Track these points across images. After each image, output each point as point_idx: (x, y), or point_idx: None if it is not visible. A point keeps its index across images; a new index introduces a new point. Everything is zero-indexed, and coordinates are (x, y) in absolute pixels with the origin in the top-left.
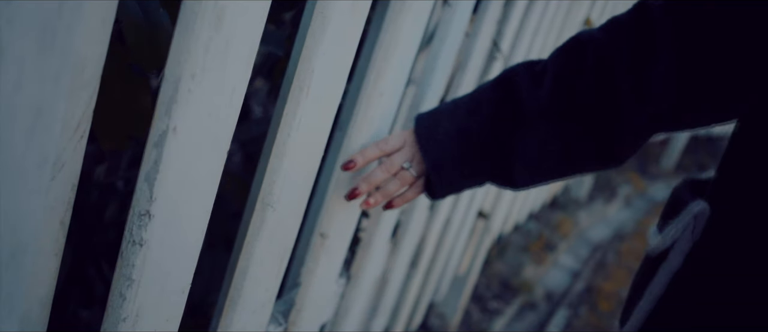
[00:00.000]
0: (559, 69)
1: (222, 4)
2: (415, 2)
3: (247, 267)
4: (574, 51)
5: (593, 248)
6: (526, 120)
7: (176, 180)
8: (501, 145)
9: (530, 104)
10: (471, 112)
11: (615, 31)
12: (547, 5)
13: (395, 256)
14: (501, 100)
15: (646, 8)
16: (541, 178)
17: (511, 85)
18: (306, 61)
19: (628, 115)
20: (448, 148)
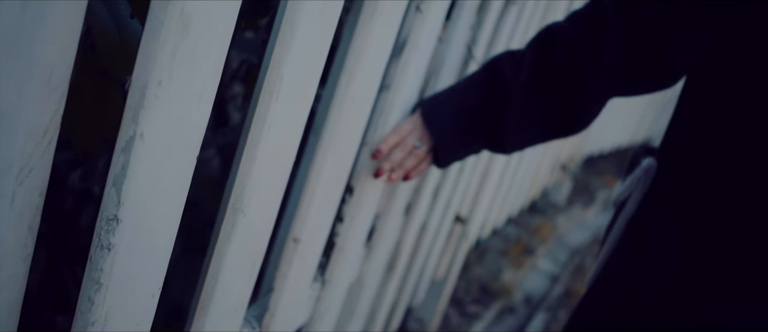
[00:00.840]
0: (534, 53)
1: (189, 12)
2: (386, 8)
3: (219, 271)
4: (545, 38)
5: (572, 252)
6: (510, 97)
7: (144, 186)
8: (491, 119)
9: (513, 84)
10: (465, 95)
11: (576, 20)
12: (522, 11)
13: (370, 261)
14: (489, 83)
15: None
16: (525, 143)
17: (496, 70)
18: (275, 67)
19: (588, 84)
20: (449, 126)
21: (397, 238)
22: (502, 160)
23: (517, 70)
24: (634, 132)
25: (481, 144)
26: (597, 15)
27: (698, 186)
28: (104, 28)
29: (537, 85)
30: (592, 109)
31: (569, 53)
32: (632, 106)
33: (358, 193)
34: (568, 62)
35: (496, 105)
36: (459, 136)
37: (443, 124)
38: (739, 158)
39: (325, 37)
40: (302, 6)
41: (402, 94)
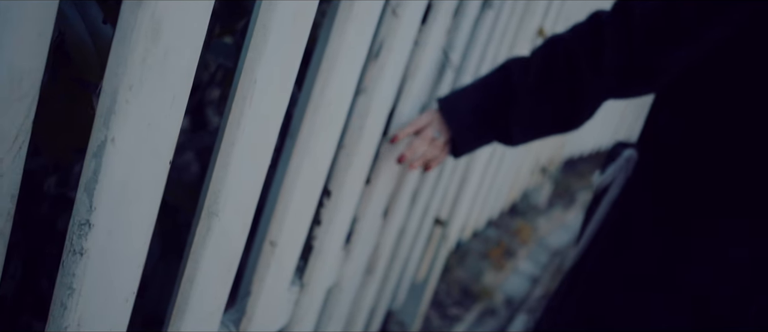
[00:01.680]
0: (540, 60)
1: (159, 16)
2: (361, 12)
3: (194, 275)
4: (549, 47)
5: (552, 254)
6: (518, 97)
7: (116, 190)
8: (501, 115)
9: (521, 86)
10: (480, 93)
11: (577, 32)
12: (499, 16)
13: (349, 264)
14: (500, 84)
15: (598, 16)
16: (529, 137)
17: (507, 73)
18: (249, 71)
19: (586, 88)
20: (465, 119)
21: (375, 241)
22: (481, 163)
23: (524, 74)
24: (614, 134)
25: (492, 136)
26: (595, 28)
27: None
28: (77, 34)
29: (541, 88)
30: (589, 110)
31: (570, 61)
32: (611, 108)
33: (335, 197)
34: (569, 69)
35: (505, 103)
36: (473, 129)
37: (460, 117)
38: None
39: (298, 42)
40: (275, 11)
41: (378, 98)
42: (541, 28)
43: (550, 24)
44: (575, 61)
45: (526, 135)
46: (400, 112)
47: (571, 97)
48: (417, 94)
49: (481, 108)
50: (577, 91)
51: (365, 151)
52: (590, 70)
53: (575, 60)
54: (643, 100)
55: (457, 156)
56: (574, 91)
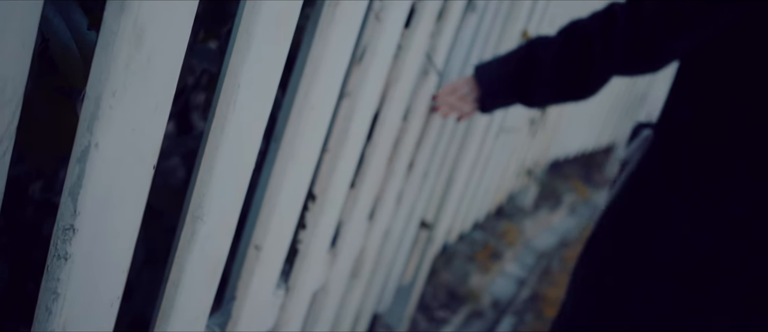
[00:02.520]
0: (561, 39)
1: (142, 23)
2: (344, 17)
3: (179, 279)
4: (570, 29)
5: (539, 256)
6: (541, 68)
7: (100, 195)
8: (524, 82)
9: (543, 61)
10: (508, 63)
11: (594, 17)
12: (482, 20)
13: (335, 267)
14: (526, 57)
15: (612, 6)
16: (546, 102)
17: (532, 48)
18: (232, 76)
19: (597, 63)
20: (494, 82)
21: (361, 244)
22: (466, 166)
23: (547, 50)
24: (599, 136)
25: (515, 98)
26: (609, 15)
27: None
28: (61, 40)
29: (559, 63)
30: (596, 84)
31: (585, 41)
32: (596, 111)
33: (320, 200)
34: (583, 47)
35: (529, 72)
36: (500, 90)
37: (489, 80)
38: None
39: (281, 46)
40: (258, 16)
41: (362, 102)
42: (525, 31)
43: (534, 26)
44: (589, 43)
45: (543, 99)
46: (384, 115)
47: (582, 72)
48: (401, 97)
49: (508, 73)
50: (588, 68)
51: (350, 155)
52: (601, 51)
53: (590, 42)
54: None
55: (485, 111)
56: (585, 68)
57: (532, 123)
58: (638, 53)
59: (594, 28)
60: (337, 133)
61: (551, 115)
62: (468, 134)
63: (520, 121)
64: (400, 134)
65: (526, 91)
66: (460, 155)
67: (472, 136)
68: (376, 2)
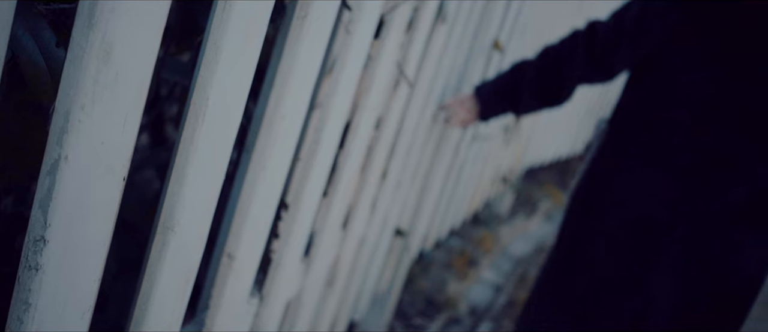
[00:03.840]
0: (537, 59)
1: (110, 40)
2: (313, 29)
3: (151, 289)
4: (544, 52)
5: (515, 262)
6: (524, 84)
7: (70, 207)
8: (512, 95)
9: (525, 78)
10: (501, 81)
11: (562, 41)
12: (452, 30)
13: (309, 276)
14: (512, 77)
15: (575, 32)
16: (530, 110)
17: (516, 70)
18: (201, 89)
19: (566, 76)
20: (491, 98)
21: (335, 253)
22: (441, 174)
23: (528, 70)
24: (573, 143)
25: (507, 109)
26: (573, 38)
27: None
28: (30, 57)
29: (537, 79)
30: (566, 93)
31: (556, 59)
32: (569, 119)
33: (292, 209)
34: (555, 65)
35: (515, 89)
36: (495, 103)
37: (487, 96)
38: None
39: (250, 59)
40: (226, 30)
41: (333, 112)
42: (496, 40)
43: (506, 36)
44: (559, 60)
45: (528, 108)
46: (356, 125)
47: (556, 84)
48: (372, 107)
49: (500, 90)
50: (559, 80)
51: (322, 164)
52: (568, 66)
53: (559, 60)
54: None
55: (482, 119)
56: (557, 80)
57: (505, 131)
58: (596, 65)
59: (562, 49)
60: (308, 143)
61: (525, 122)
62: (442, 142)
63: (493, 129)
64: (372, 143)
65: (515, 102)
66: (434, 163)
67: (446, 144)
68: (346, 14)
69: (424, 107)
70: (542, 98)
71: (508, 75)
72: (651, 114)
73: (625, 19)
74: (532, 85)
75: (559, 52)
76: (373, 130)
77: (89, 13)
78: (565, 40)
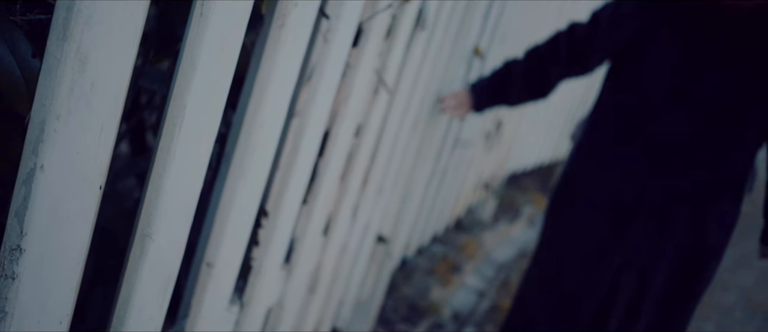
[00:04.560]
0: (524, 57)
1: (85, 50)
2: (290, 38)
3: (129, 297)
4: (530, 51)
5: (498, 268)
6: (513, 79)
7: (47, 216)
8: (504, 88)
9: (514, 74)
10: (492, 78)
11: (547, 40)
12: (432, 37)
13: (290, 283)
14: (503, 73)
15: (557, 33)
16: (518, 102)
17: (507, 67)
18: (178, 98)
19: (550, 70)
20: (484, 92)
21: (317, 260)
22: (423, 180)
23: (516, 66)
24: (555, 149)
25: (498, 101)
26: (555, 38)
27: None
28: (5, 67)
29: (525, 74)
30: (550, 87)
31: (541, 57)
32: (551, 125)
33: (272, 217)
34: (539, 61)
35: (505, 83)
36: (488, 96)
37: (480, 90)
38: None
39: (226, 69)
40: (202, 40)
41: (312, 120)
42: (476, 46)
43: (486, 42)
44: (543, 57)
45: (517, 100)
46: (335, 132)
47: (541, 77)
48: (352, 115)
49: (492, 85)
50: (544, 74)
51: (301, 172)
52: (552, 61)
53: (543, 56)
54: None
55: (476, 111)
56: (542, 74)
57: (487, 137)
58: (575, 59)
59: (546, 47)
60: (287, 150)
61: (507, 129)
62: (423, 149)
63: (475, 135)
64: (352, 150)
65: (505, 95)
66: (415, 169)
67: (428, 151)
68: (324, 23)
69: (405, 114)
70: (530, 91)
71: (499, 71)
72: (624, 101)
73: (600, 19)
74: (520, 79)
75: (544, 50)
76: (353, 137)
77: (64, 24)
78: (549, 39)
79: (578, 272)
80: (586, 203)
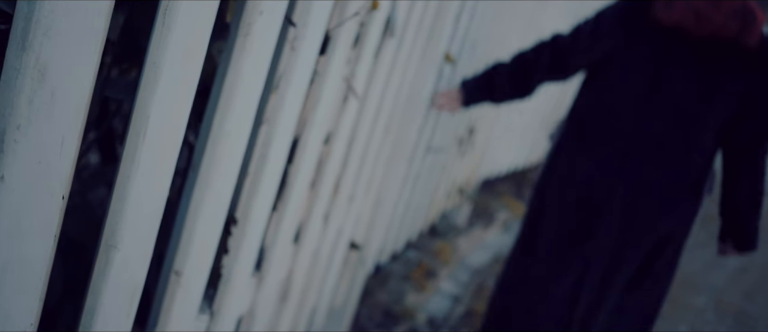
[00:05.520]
0: (511, 61)
1: (45, 60)
2: (256, 46)
3: (95, 307)
4: (516, 56)
5: (473, 273)
6: (498, 79)
7: (8, 227)
8: (488, 87)
9: (500, 74)
10: (480, 77)
11: (532, 48)
12: (401, 44)
13: (261, 291)
14: (490, 73)
15: (541, 42)
16: (504, 100)
17: (494, 68)
18: (141, 108)
19: (532, 75)
20: (471, 89)
21: (288, 267)
22: (395, 187)
23: (502, 68)
24: (529, 154)
25: (485, 98)
26: (540, 46)
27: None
28: None
29: (510, 75)
30: (532, 88)
31: (525, 61)
32: (525, 130)
33: (241, 224)
34: (524, 65)
35: (491, 82)
36: (476, 94)
37: (469, 88)
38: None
39: (190, 78)
40: (165, 50)
41: (280, 128)
42: (447, 53)
43: (457, 48)
44: (527, 62)
45: (502, 98)
46: (305, 140)
47: (524, 79)
48: (320, 122)
49: (480, 83)
50: (527, 77)
51: (270, 179)
52: (535, 66)
53: (527, 61)
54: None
55: (465, 105)
56: (525, 77)
57: (460, 143)
58: (556, 66)
59: (531, 53)
60: (256, 158)
61: (480, 135)
62: (395, 155)
63: (447, 141)
64: (323, 157)
65: (491, 92)
66: (387, 176)
67: (400, 157)
68: (291, 31)
69: (376, 121)
70: (513, 91)
71: (488, 72)
72: (598, 107)
73: (581, 33)
74: (506, 80)
75: (528, 56)
76: (322, 144)
77: (23, 35)
78: (534, 47)
79: (553, 255)
80: (562, 195)
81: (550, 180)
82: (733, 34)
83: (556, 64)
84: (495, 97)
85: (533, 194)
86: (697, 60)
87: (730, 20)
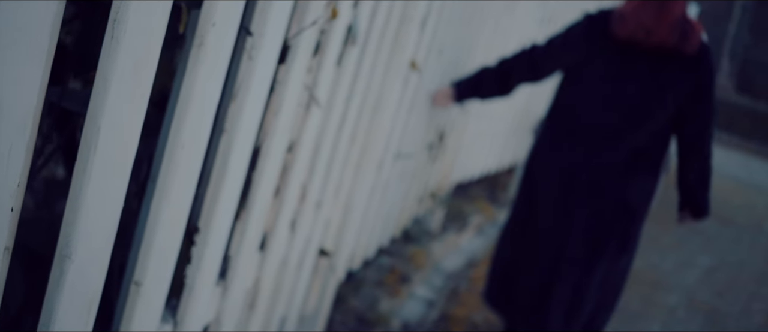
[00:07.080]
0: (495, 65)
1: None
2: (210, 57)
3: (50, 318)
4: (501, 61)
5: (447, 277)
6: (485, 80)
7: None
8: (477, 86)
9: (486, 76)
10: (471, 78)
11: (515, 54)
12: (364, 52)
13: (227, 299)
14: (478, 75)
15: (523, 49)
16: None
17: (483, 71)
18: (92, 120)
19: (513, 76)
20: (461, 88)
21: (254, 275)
22: (364, 193)
23: (488, 71)
24: (501, 158)
25: (474, 95)
26: (521, 53)
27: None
28: None
29: (495, 77)
30: (512, 88)
31: (508, 65)
32: (497, 134)
33: (204, 233)
34: (506, 68)
35: (479, 82)
36: (466, 92)
37: (460, 87)
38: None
39: (141, 89)
40: (114, 61)
41: (239, 136)
42: (412, 60)
43: (423, 55)
44: (509, 67)
45: (488, 94)
46: (267, 148)
47: (506, 80)
48: (282, 130)
49: (470, 83)
50: (508, 78)
51: (231, 188)
52: (515, 71)
53: (510, 66)
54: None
55: (457, 101)
56: (507, 78)
57: (430, 148)
58: (533, 70)
59: (512, 59)
60: (216, 167)
61: (450, 139)
62: (363, 162)
63: (416, 147)
64: (287, 165)
65: (479, 90)
66: (356, 182)
67: (368, 164)
68: (248, 40)
69: (341, 128)
70: (497, 90)
71: (476, 73)
72: (570, 104)
73: (554, 43)
74: (491, 80)
75: (510, 60)
76: (285, 152)
77: None
78: (516, 53)
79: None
80: (544, 176)
81: (534, 164)
82: (674, 44)
83: (532, 68)
84: (482, 94)
85: (523, 174)
86: (648, 66)
87: (672, 32)
